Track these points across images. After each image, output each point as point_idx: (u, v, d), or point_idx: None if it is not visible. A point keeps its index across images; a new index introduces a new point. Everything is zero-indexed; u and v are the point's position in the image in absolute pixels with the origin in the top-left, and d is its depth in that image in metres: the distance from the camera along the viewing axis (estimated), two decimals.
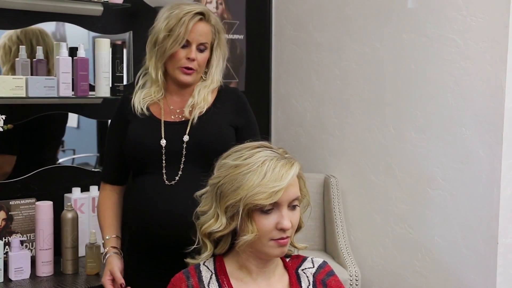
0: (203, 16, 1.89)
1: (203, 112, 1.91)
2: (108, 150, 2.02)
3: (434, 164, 2.56)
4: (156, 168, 1.86)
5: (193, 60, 1.88)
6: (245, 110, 2.01)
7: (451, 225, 2.51)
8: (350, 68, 2.92)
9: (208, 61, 1.96)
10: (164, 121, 1.91)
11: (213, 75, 1.96)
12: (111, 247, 1.88)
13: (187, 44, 1.88)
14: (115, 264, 1.83)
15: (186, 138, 1.87)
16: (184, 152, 1.85)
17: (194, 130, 1.88)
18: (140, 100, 1.93)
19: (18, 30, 2.36)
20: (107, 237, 1.90)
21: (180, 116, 1.93)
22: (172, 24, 1.86)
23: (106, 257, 1.86)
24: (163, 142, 1.87)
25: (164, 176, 1.84)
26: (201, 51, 1.90)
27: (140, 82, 1.98)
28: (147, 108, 1.92)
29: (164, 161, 1.86)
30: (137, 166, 1.91)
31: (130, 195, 1.93)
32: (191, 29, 1.86)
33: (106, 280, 1.82)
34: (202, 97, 1.92)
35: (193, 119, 1.89)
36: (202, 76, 1.96)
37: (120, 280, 1.80)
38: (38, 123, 2.43)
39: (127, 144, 1.90)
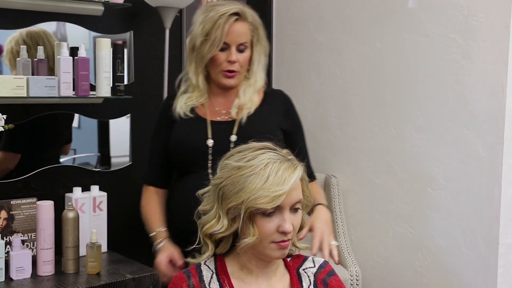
0: (238, 15, 1.86)
1: (251, 112, 1.90)
2: (152, 154, 2.02)
3: (435, 164, 2.56)
4: (202, 168, 1.86)
5: (234, 62, 1.86)
6: (293, 113, 2.00)
7: (452, 225, 2.51)
8: (350, 68, 2.92)
9: (250, 59, 1.92)
10: (211, 120, 1.91)
11: (256, 72, 1.94)
12: (165, 237, 1.88)
13: (226, 47, 1.85)
14: (174, 249, 1.83)
15: (233, 138, 1.86)
16: None
17: (242, 129, 1.87)
18: (182, 105, 1.93)
19: (24, 34, 2.36)
20: (158, 229, 1.90)
21: (227, 117, 1.92)
22: (208, 28, 1.84)
23: (161, 244, 1.86)
24: (210, 142, 1.86)
25: (210, 176, 1.83)
26: (241, 51, 1.87)
27: (182, 88, 1.97)
28: (191, 110, 1.92)
29: (210, 161, 1.86)
30: (182, 166, 1.91)
31: (175, 195, 1.93)
32: (228, 31, 1.84)
33: (162, 259, 1.81)
34: (248, 98, 1.91)
35: (241, 119, 1.87)
36: (245, 75, 1.94)
37: (181, 260, 1.79)
38: (43, 122, 2.43)
39: (172, 143, 1.90)
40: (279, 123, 1.94)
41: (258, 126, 1.88)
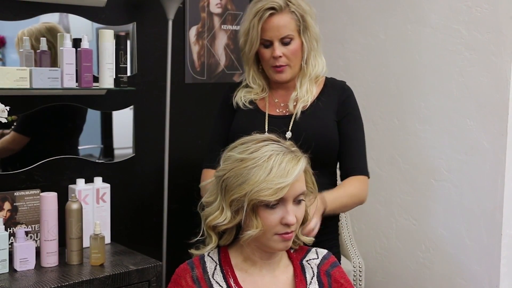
0: (274, 10, 1.81)
1: (307, 106, 1.87)
2: (212, 140, 2.02)
3: (438, 156, 2.56)
4: None
5: (279, 57, 1.83)
6: (349, 104, 1.93)
7: (455, 216, 2.51)
8: (354, 59, 2.91)
9: (302, 48, 1.88)
10: (269, 114, 1.90)
11: (310, 61, 1.90)
12: None
13: (268, 43, 1.83)
14: None
15: (288, 134, 1.84)
16: None
17: (296, 125, 1.85)
18: (240, 97, 1.93)
19: (43, 29, 2.36)
20: None
21: (285, 111, 1.90)
22: (247, 27, 1.83)
23: None
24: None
25: None
26: (286, 44, 1.84)
27: (244, 82, 1.97)
28: (251, 102, 1.91)
29: None
30: None
31: None
32: (265, 27, 1.81)
33: None
34: (305, 89, 1.88)
35: (296, 114, 1.85)
36: (301, 64, 1.90)
37: None
38: (55, 113, 2.45)
39: (231, 135, 1.88)
40: (334, 115, 1.89)
41: (313, 121, 1.85)
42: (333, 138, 1.87)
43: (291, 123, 1.86)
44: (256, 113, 1.91)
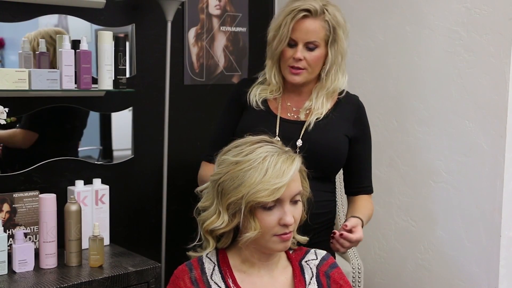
0: (309, 12, 1.82)
1: (320, 117, 1.88)
2: (216, 134, 2.01)
3: (437, 157, 2.56)
4: None
5: (299, 59, 1.83)
6: (363, 123, 1.97)
7: (454, 218, 2.51)
8: (353, 60, 2.91)
9: (325, 59, 1.88)
10: (280, 117, 1.90)
11: (331, 74, 1.90)
12: None
13: (294, 43, 1.84)
14: None
15: (299, 143, 1.84)
16: None
17: (308, 135, 1.85)
18: (256, 94, 1.93)
19: (43, 31, 2.37)
20: None
21: (296, 116, 1.91)
22: (279, 22, 1.83)
23: None
24: (277, 139, 1.82)
25: None
26: (310, 49, 1.84)
27: (260, 78, 1.97)
28: (264, 102, 1.92)
29: None
30: None
31: None
32: (295, 27, 1.81)
33: None
34: (320, 103, 1.88)
35: (309, 124, 1.86)
36: (321, 75, 1.91)
37: None
38: (55, 113, 2.45)
39: (239, 131, 1.87)
40: (346, 130, 1.91)
41: (324, 134, 1.86)
42: (342, 151, 1.90)
43: (303, 131, 1.86)
44: (268, 114, 1.91)
